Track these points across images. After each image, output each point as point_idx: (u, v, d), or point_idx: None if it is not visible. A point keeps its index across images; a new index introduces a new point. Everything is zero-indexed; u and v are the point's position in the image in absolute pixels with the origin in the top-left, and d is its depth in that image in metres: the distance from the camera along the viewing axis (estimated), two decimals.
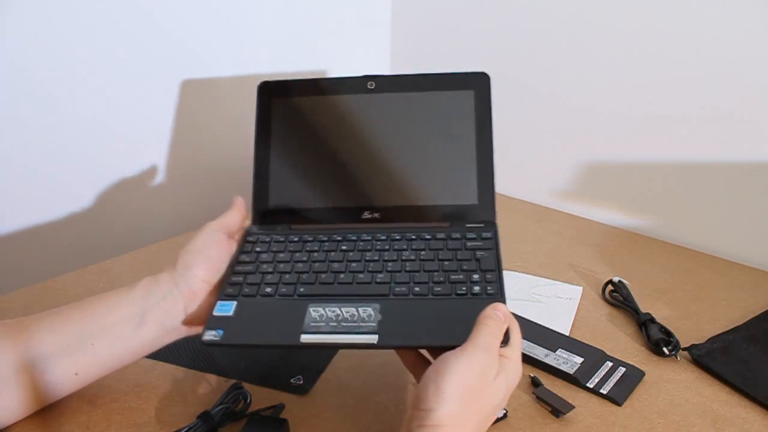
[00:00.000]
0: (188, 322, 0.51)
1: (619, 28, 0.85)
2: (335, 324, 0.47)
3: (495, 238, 0.54)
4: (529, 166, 1.02)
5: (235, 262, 0.53)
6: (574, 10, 0.89)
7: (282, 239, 0.56)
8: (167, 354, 0.61)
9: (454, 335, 0.44)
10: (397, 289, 0.49)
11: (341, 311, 0.48)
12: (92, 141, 0.82)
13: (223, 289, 0.51)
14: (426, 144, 0.58)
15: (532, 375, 0.57)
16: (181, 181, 0.94)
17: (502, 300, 0.48)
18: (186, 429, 0.48)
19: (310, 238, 0.55)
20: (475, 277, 0.50)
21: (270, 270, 0.52)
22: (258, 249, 0.55)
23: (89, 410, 0.53)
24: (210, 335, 0.47)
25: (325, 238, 0.55)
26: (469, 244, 0.53)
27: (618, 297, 0.71)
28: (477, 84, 0.58)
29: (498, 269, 0.51)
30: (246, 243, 0.55)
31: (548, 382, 0.57)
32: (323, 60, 1.06)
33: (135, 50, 0.82)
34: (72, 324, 0.49)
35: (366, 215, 0.57)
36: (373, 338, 0.45)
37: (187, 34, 0.87)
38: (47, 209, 0.81)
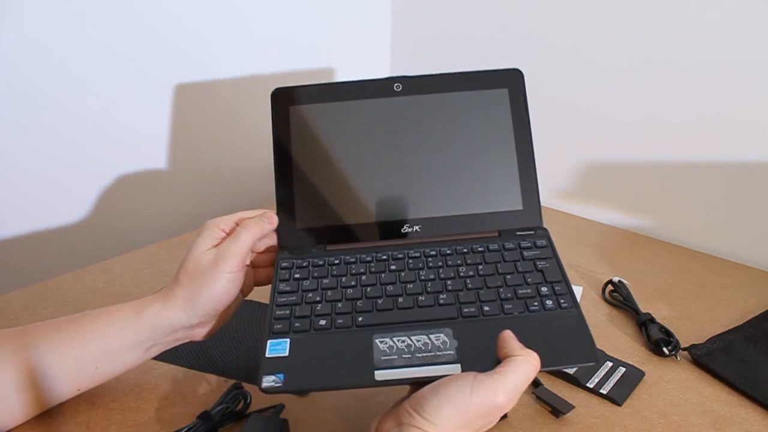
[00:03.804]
0: (192, 341, 0.53)
1: (619, 31, 0.85)
2: (409, 356, 0.43)
3: (551, 245, 0.52)
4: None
5: (275, 292, 0.50)
6: (574, 13, 0.89)
7: (321, 263, 0.51)
8: (167, 354, 0.61)
9: (544, 359, 0.41)
10: (465, 309, 0.46)
11: (411, 340, 0.44)
12: (92, 142, 0.82)
13: (270, 325, 0.47)
14: (462, 148, 0.54)
15: None
16: (181, 182, 0.94)
17: (578, 311, 0.46)
18: (186, 429, 0.48)
19: (352, 260, 0.52)
20: (544, 290, 0.48)
21: (318, 299, 0.48)
22: (297, 276, 0.51)
23: (89, 410, 0.53)
24: (269, 381, 0.42)
25: (369, 258, 0.52)
26: (526, 253, 0.51)
27: (618, 297, 0.71)
28: (510, 81, 0.55)
29: (565, 279, 0.48)
30: (281, 270, 0.51)
31: (548, 382, 0.57)
32: (323, 60, 1.06)
33: (134, 52, 0.82)
34: (74, 345, 0.49)
35: (406, 229, 0.54)
36: (456, 368, 0.42)
37: (185, 36, 0.87)
38: (47, 210, 0.81)
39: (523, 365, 0.40)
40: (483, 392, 0.38)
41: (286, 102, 0.56)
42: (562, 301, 0.47)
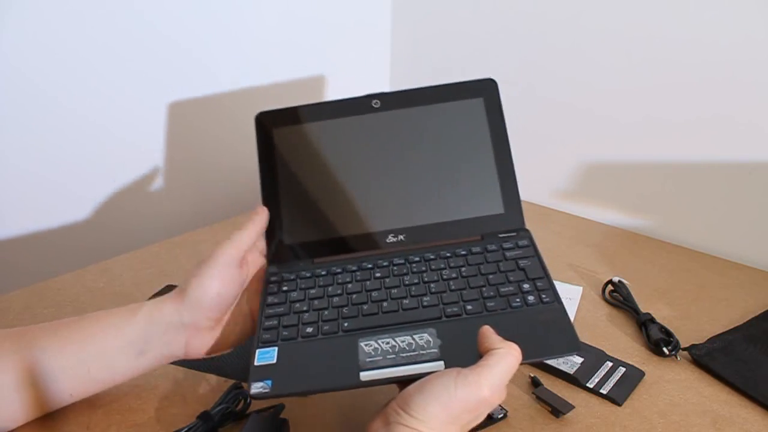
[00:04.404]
0: (188, 354, 0.51)
1: (619, 30, 0.85)
2: (393, 356, 0.44)
3: (533, 244, 0.53)
4: (529, 167, 1.01)
5: (264, 305, 0.51)
6: (574, 13, 0.89)
7: (309, 275, 0.53)
8: None
9: (525, 352, 0.42)
10: (449, 309, 0.47)
11: (396, 342, 0.45)
12: (92, 142, 0.82)
13: (258, 336, 0.48)
14: (442, 158, 0.56)
15: (532, 375, 0.57)
16: (181, 182, 0.94)
17: (561, 305, 0.46)
18: (186, 429, 0.48)
19: (338, 270, 0.53)
20: (526, 286, 0.48)
21: (305, 308, 0.50)
22: (285, 288, 0.52)
23: (89, 410, 0.53)
24: (257, 388, 0.44)
25: (354, 268, 0.53)
26: (508, 254, 0.52)
27: (618, 297, 0.71)
28: (485, 91, 0.57)
29: (546, 275, 0.49)
30: (270, 284, 0.53)
31: (548, 382, 0.57)
32: (323, 60, 1.06)
33: (134, 52, 0.82)
34: (70, 346, 0.49)
35: (391, 239, 0.55)
36: (440, 365, 0.43)
37: (185, 35, 0.87)
38: (47, 209, 0.81)
39: (504, 357, 0.40)
40: (467, 387, 0.39)
41: (270, 125, 0.57)
42: (543, 296, 0.48)
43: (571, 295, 0.72)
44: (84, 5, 0.75)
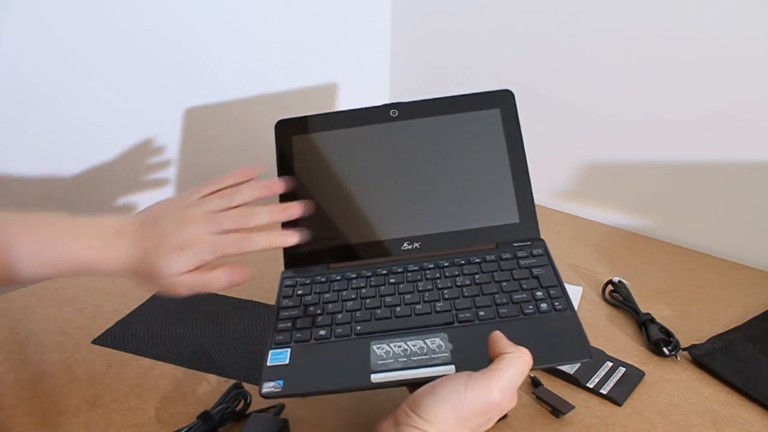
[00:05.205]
0: None
1: (619, 29, 0.85)
2: (405, 359, 0.45)
3: (547, 253, 0.54)
4: (528, 166, 1.01)
5: (278, 308, 0.52)
6: (574, 12, 0.89)
7: (323, 279, 0.54)
8: (167, 354, 0.61)
9: (536, 357, 0.42)
10: (461, 315, 0.48)
11: (408, 345, 0.46)
12: (92, 143, 0.82)
13: (272, 338, 0.49)
14: (458, 167, 0.57)
15: (532, 375, 0.57)
16: (182, 182, 0.94)
17: (573, 313, 0.47)
18: (186, 429, 0.48)
19: (353, 275, 0.54)
20: (539, 294, 0.49)
21: (319, 312, 0.50)
22: (300, 292, 0.53)
23: (89, 410, 0.53)
24: (269, 387, 0.44)
25: (369, 273, 0.54)
26: (522, 262, 0.52)
27: (618, 297, 0.71)
28: (502, 102, 0.58)
29: (560, 284, 0.50)
30: (285, 288, 0.54)
31: (548, 382, 0.57)
32: (323, 59, 1.06)
33: (134, 52, 0.82)
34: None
35: (406, 246, 0.55)
36: (451, 369, 0.43)
37: (186, 35, 0.86)
38: (47, 210, 0.81)
39: (515, 362, 0.40)
40: (477, 389, 0.39)
41: (289, 132, 0.58)
42: (556, 304, 0.48)
43: (571, 296, 0.71)
44: (84, 5, 0.75)
